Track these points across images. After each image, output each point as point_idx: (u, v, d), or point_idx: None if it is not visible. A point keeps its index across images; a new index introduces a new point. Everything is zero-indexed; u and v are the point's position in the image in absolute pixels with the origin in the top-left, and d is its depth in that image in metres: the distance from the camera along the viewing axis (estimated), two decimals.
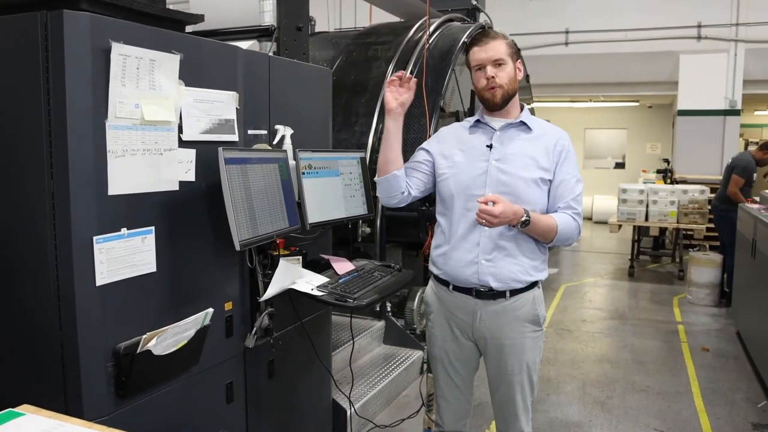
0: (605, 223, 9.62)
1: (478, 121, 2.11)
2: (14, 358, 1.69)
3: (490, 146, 2.03)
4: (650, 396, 3.73)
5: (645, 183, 8.16)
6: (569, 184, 2.03)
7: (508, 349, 2.05)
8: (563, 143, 2.05)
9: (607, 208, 11.10)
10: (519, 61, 2.05)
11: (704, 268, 5.86)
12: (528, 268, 2.02)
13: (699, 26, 8.71)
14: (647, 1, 8.88)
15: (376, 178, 2.16)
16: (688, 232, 7.34)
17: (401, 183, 2.10)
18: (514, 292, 2.02)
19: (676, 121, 9.39)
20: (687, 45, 8.78)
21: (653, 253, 8.04)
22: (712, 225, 6.58)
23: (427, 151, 2.16)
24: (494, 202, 1.83)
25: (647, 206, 7.01)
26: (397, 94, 2.06)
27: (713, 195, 6.50)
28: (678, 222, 6.89)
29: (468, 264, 2.00)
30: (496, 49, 1.99)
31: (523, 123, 2.05)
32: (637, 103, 12.75)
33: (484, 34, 2.06)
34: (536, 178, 1.99)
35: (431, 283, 2.20)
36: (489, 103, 2.04)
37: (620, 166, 13.99)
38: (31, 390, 1.63)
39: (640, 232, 7.58)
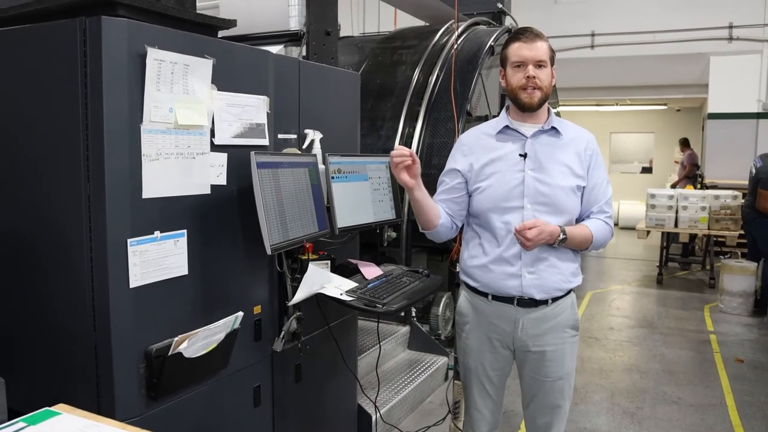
0: (632, 228, 9.45)
1: (506, 127, 2.02)
2: (49, 358, 1.71)
3: (523, 155, 1.97)
4: (682, 408, 3.63)
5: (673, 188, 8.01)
6: (601, 188, 2.01)
7: (549, 356, 2.02)
8: (592, 146, 2.02)
9: (633, 213, 10.91)
10: (554, 67, 2.00)
11: (737, 275, 5.71)
12: (568, 275, 2.01)
13: (730, 27, 8.53)
14: (676, 2, 8.73)
15: (422, 231, 2.10)
16: (720, 239, 7.16)
17: (448, 225, 2.06)
18: (555, 299, 2.00)
19: (706, 124, 9.20)
20: (717, 46, 8.59)
21: (682, 260, 7.87)
22: (743, 231, 6.41)
23: (458, 171, 2.06)
24: (530, 228, 1.83)
25: (677, 212, 6.86)
26: (407, 171, 1.88)
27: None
28: (709, 228, 6.73)
29: (510, 277, 1.97)
30: (541, 48, 1.92)
31: (553, 128, 2.00)
32: (665, 107, 12.54)
33: (528, 30, 1.96)
34: (573, 186, 1.96)
35: (465, 293, 2.14)
36: (524, 105, 1.95)
37: (647, 170, 13.76)
38: (65, 389, 1.66)
39: (669, 238, 7.42)
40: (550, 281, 1.97)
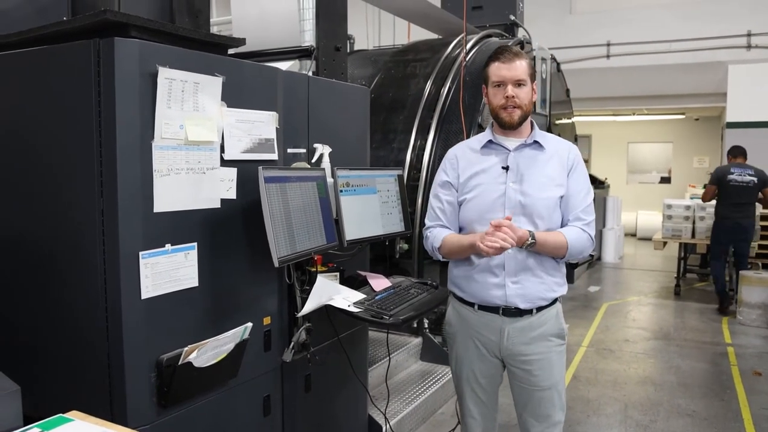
0: (649, 239, 9.34)
1: (490, 141, 2.07)
2: (63, 366, 1.77)
3: (506, 168, 2.01)
4: (696, 421, 3.57)
5: (692, 198, 7.90)
6: (579, 196, 2.03)
7: (537, 365, 2.04)
8: (573, 155, 2.06)
9: (651, 224, 10.80)
10: (534, 82, 2.03)
11: (756, 287, 5.62)
12: (552, 285, 2.03)
13: (748, 35, 8.45)
14: (693, 10, 8.67)
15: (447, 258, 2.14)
16: None
17: None
18: (540, 308, 2.03)
19: (725, 133, 9.08)
20: (736, 54, 8.50)
21: (700, 271, 7.74)
22: (765, 242, 6.31)
23: (450, 183, 2.10)
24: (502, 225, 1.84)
25: (694, 222, 6.78)
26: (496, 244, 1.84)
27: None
28: None
29: (494, 287, 2.00)
30: (520, 68, 1.96)
31: (536, 142, 2.04)
32: (683, 116, 12.40)
33: (507, 49, 2.00)
34: (555, 197, 1.99)
35: (452, 303, 2.19)
36: (505, 124, 2.01)
37: (666, 180, 13.60)
38: (78, 397, 1.70)
39: (687, 249, 7.32)
40: (533, 291, 1.99)
